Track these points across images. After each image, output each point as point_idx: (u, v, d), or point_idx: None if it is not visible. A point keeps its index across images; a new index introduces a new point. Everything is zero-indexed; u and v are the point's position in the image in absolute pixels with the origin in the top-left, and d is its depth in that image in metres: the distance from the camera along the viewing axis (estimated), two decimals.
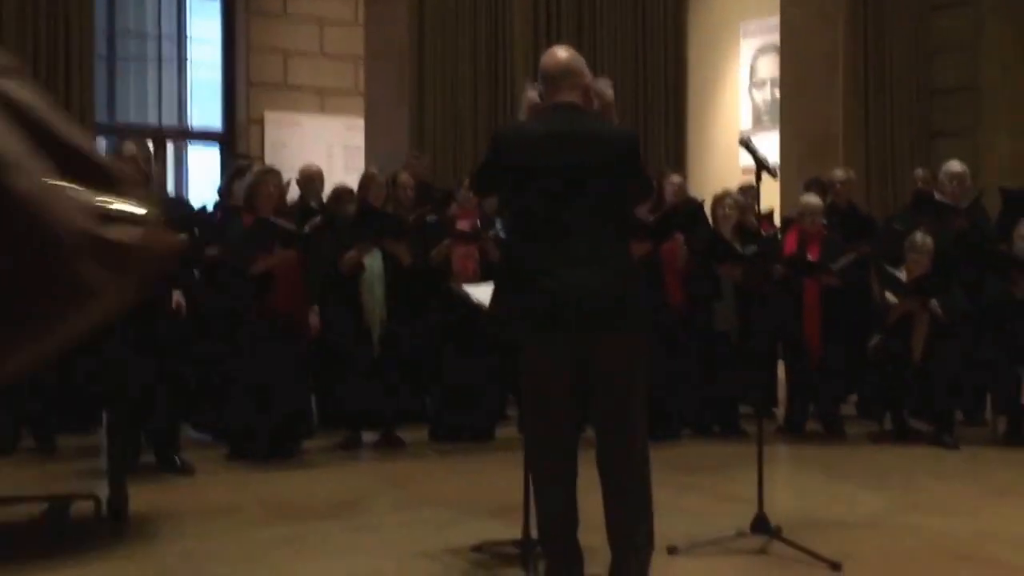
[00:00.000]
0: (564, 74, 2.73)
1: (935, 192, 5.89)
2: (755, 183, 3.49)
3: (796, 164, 8.14)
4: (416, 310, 5.26)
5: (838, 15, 8.39)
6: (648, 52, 9.45)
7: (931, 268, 5.28)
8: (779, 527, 3.28)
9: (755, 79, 9.49)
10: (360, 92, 9.14)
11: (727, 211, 5.46)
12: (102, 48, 9.13)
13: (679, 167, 9.18)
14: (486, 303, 3.05)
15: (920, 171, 6.57)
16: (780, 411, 5.86)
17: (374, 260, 5.16)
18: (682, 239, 5.37)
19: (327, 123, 9.76)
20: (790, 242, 5.59)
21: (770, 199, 6.43)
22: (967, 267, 5.45)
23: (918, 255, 5.32)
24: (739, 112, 9.58)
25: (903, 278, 5.30)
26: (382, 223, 5.14)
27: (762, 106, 9.41)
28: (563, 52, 2.79)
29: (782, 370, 5.78)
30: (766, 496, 3.29)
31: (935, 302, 5.19)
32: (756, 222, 4.95)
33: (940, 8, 8.65)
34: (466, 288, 3.37)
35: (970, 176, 5.98)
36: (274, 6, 9.78)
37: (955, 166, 5.90)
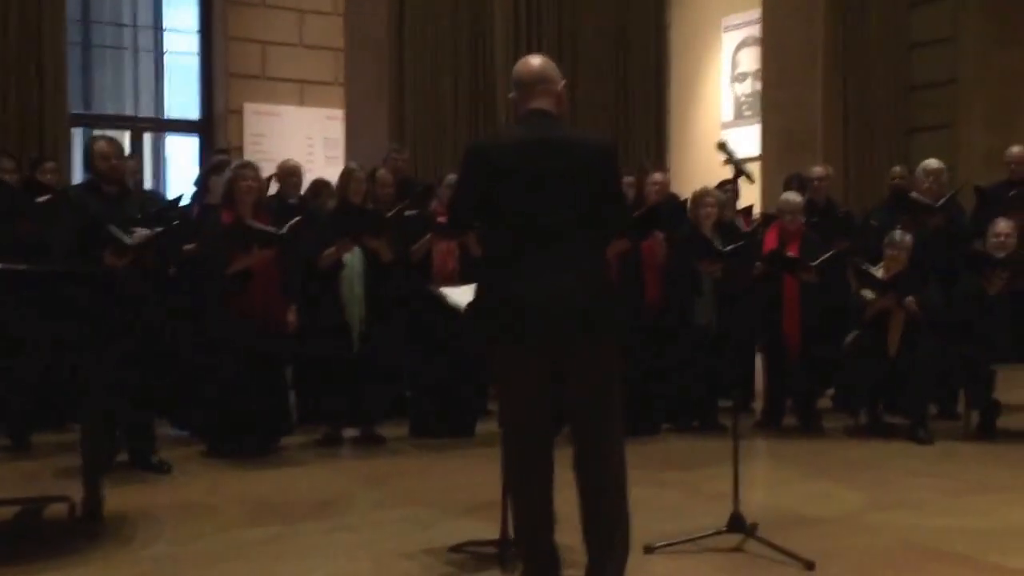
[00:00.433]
0: (537, 80, 2.71)
1: (912, 190, 5.94)
2: (734, 182, 3.50)
3: (776, 157, 8.19)
4: (396, 307, 5.24)
5: (818, 9, 8.43)
6: (630, 45, 9.44)
7: (908, 265, 5.33)
8: (755, 524, 3.31)
9: (736, 72, 9.51)
10: (340, 83, 9.08)
11: (708, 208, 5.48)
12: (77, 37, 9.02)
13: (661, 160, 9.20)
14: (463, 306, 3.03)
15: (897, 168, 6.62)
16: (758, 405, 5.92)
17: (354, 257, 5.14)
18: (662, 237, 5.39)
19: (306, 114, 9.69)
20: (770, 238, 5.61)
21: (749, 192, 6.45)
22: (943, 264, 5.51)
23: (897, 252, 5.36)
24: (720, 105, 9.61)
25: (880, 275, 5.34)
26: (362, 220, 5.11)
27: (743, 99, 9.44)
28: (536, 60, 2.79)
29: (760, 364, 5.82)
30: (742, 493, 3.32)
31: (911, 299, 5.25)
32: (735, 221, 4.97)
33: (919, 3, 8.70)
34: (443, 290, 3.36)
35: (947, 173, 6.03)
36: None
37: (932, 163, 5.94)
